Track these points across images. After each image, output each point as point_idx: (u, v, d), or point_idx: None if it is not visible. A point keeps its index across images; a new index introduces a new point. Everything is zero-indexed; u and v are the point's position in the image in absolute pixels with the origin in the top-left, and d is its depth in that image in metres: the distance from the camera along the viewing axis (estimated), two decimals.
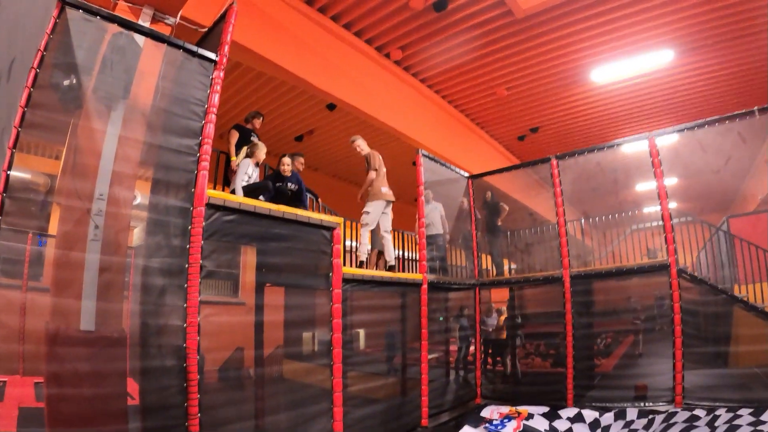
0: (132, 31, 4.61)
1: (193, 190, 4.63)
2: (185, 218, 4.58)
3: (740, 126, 8.18)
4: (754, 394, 7.59)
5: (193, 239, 4.52)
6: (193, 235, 4.53)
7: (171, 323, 4.38)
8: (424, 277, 7.99)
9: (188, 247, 4.50)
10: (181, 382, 4.28)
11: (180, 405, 4.27)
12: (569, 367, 8.14)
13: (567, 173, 8.96)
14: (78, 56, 4.26)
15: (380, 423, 6.90)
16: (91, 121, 4.48)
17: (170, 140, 4.70)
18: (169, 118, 4.79)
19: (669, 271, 7.88)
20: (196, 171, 4.70)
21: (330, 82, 10.23)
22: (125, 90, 4.67)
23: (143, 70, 4.80)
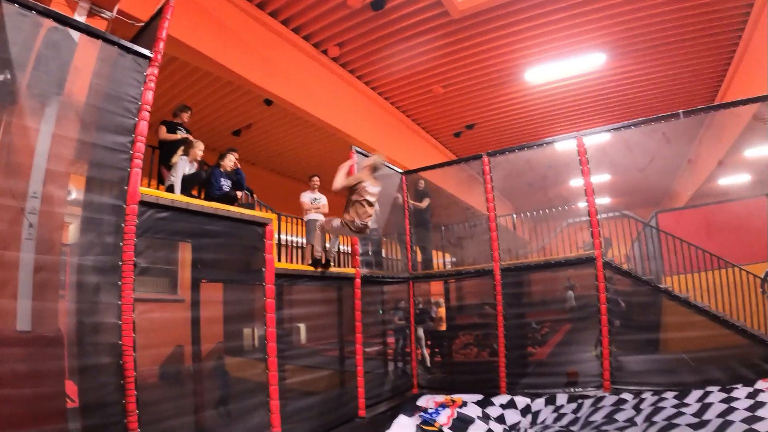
0: (67, 27, 4.55)
1: (125, 188, 4.62)
2: (118, 216, 4.57)
3: (667, 127, 8.55)
4: (680, 377, 7.95)
5: (127, 237, 4.53)
6: (127, 233, 4.53)
7: (106, 321, 4.38)
8: (357, 271, 8.09)
9: (122, 244, 4.50)
10: (118, 380, 4.29)
11: (118, 402, 4.27)
12: (501, 356, 8.37)
13: (501, 169, 9.18)
14: (12, 51, 4.19)
15: (318, 414, 7.00)
16: (24, 119, 4.42)
17: (103, 138, 4.67)
18: (103, 116, 4.76)
19: (595, 264, 8.17)
20: (128, 168, 4.69)
21: (267, 78, 10.23)
22: (59, 86, 4.61)
23: (78, 66, 4.74)
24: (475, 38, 11.36)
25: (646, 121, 8.58)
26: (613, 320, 8.22)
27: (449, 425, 6.63)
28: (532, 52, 12.05)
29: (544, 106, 15.28)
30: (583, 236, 8.94)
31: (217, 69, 9.59)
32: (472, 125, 16.11)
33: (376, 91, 13.62)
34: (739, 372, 7.61)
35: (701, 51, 12.54)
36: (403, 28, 10.84)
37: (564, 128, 16.31)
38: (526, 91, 14.26)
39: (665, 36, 11.72)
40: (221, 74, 10.00)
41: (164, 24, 5.26)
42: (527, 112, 15.70)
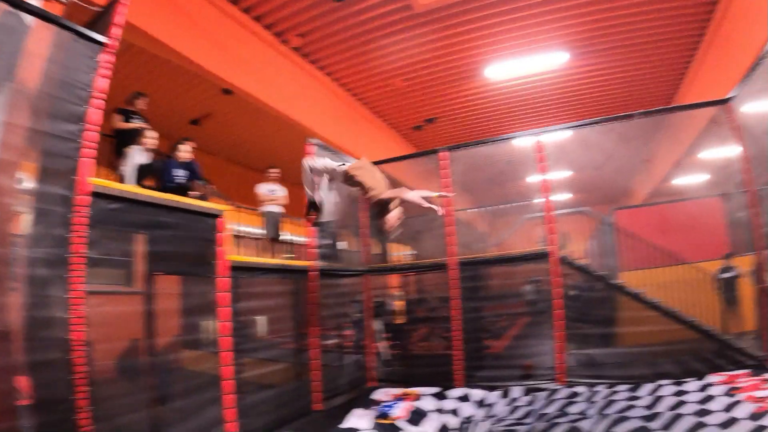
0: (20, 11, 4.36)
1: (75, 178, 4.47)
2: (68, 207, 4.42)
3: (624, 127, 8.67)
4: (634, 371, 8.07)
5: (76, 228, 4.38)
6: (76, 224, 4.38)
7: (56, 315, 4.24)
8: (312, 264, 8.01)
9: (71, 236, 4.35)
10: (69, 375, 4.16)
11: (69, 398, 4.14)
12: (457, 349, 8.38)
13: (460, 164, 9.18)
14: None
15: (274, 408, 6.92)
16: None
17: (54, 126, 4.50)
18: (54, 103, 4.58)
19: (550, 259, 8.25)
20: (78, 158, 4.53)
21: (225, 67, 10.11)
22: (10, 73, 4.42)
23: (30, 51, 4.55)
24: (437, 32, 11.37)
25: (604, 121, 8.66)
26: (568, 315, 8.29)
27: (404, 418, 6.61)
28: (494, 48, 12.13)
29: (505, 102, 15.42)
30: (541, 231, 8.98)
31: (175, 57, 9.42)
32: (432, 119, 16.19)
33: (336, 83, 13.57)
34: (691, 366, 7.74)
35: (662, 54, 12.79)
36: (365, 20, 10.80)
37: (524, 125, 16.43)
38: (487, 87, 14.35)
39: (627, 37, 11.93)
40: (179, 62, 9.80)
41: (121, 9, 5.10)
42: (488, 108, 15.80)
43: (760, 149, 7.45)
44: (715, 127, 8.46)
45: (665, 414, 6.08)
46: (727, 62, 10.60)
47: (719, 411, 5.84)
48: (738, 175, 7.99)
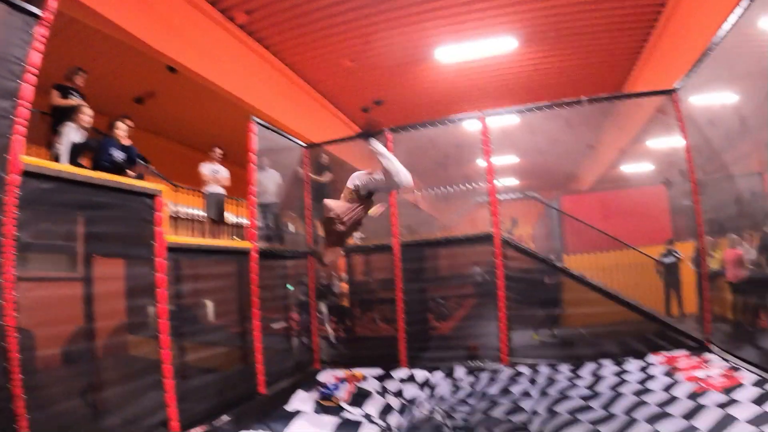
0: None
1: (6, 156, 4.23)
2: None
3: (571, 113, 8.75)
4: (576, 351, 8.23)
5: (7, 209, 4.15)
6: (7, 205, 4.15)
7: None
8: (253, 245, 7.86)
9: (1, 218, 4.13)
10: (2, 363, 3.98)
11: (3, 386, 3.97)
12: (401, 331, 8.36)
13: (405, 146, 9.11)
14: None
15: (217, 392, 6.77)
16: None
17: None
18: None
19: (493, 241, 8.28)
20: (10, 135, 4.28)
21: (170, 44, 9.83)
22: None
23: None
24: (386, 13, 11.24)
25: (551, 106, 8.71)
26: (513, 297, 8.36)
27: (348, 400, 6.58)
28: (444, 30, 12.04)
29: (454, 86, 15.37)
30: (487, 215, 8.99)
31: (117, 32, 9.09)
32: (380, 101, 16.09)
33: (283, 62, 13.33)
34: (632, 347, 7.92)
35: (612, 43, 12.95)
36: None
37: (473, 109, 16.21)
38: (436, 70, 14.28)
39: (578, 26, 12.03)
40: (122, 38, 9.44)
41: None
42: (437, 91, 15.75)
43: (704, 139, 7.61)
44: (662, 116, 8.60)
45: (606, 393, 6.18)
46: (677, 53, 10.77)
47: (659, 390, 5.96)
48: (681, 163, 8.16)
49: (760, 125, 6.26)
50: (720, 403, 5.13)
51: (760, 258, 6.73)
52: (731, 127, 6.84)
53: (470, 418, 5.85)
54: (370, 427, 5.50)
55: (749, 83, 6.38)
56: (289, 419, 5.66)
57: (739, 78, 6.59)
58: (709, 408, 5.06)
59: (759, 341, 7.15)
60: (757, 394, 5.20)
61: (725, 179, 7.41)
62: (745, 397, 5.18)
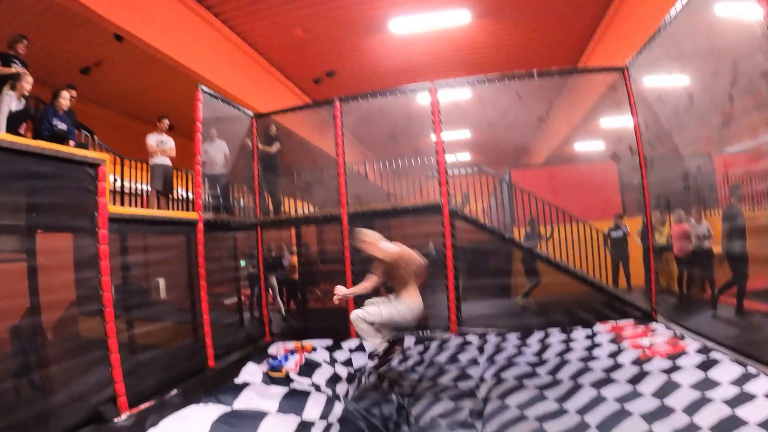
0: None
1: None
2: None
3: (523, 87, 8.79)
4: (525, 320, 8.41)
5: None
6: None
7: None
8: (199, 216, 7.72)
9: None
10: None
11: None
12: (351, 302, 8.36)
13: (355, 116, 9.05)
14: None
15: (165, 367, 6.73)
16: None
17: None
18: None
19: (442, 211, 8.33)
20: None
21: (116, 11, 9.47)
22: None
23: None
24: None
25: (503, 78, 8.74)
26: (462, 268, 8.43)
27: (296, 371, 6.57)
28: (398, 1, 11.91)
29: (407, 58, 15.33)
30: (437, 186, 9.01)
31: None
32: (332, 72, 15.98)
33: (233, 31, 13.06)
34: (579, 316, 8.14)
35: (567, 19, 13.02)
36: None
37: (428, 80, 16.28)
38: (389, 42, 14.19)
39: (533, 1, 12.03)
40: (68, 5, 9.06)
41: None
42: (390, 63, 15.68)
43: (653, 117, 7.75)
44: (613, 93, 8.71)
45: (553, 360, 6.30)
46: (630, 31, 10.89)
47: (605, 357, 6.11)
48: (631, 140, 8.31)
49: (707, 103, 6.41)
50: (664, 369, 5.28)
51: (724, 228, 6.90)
52: (680, 105, 6.98)
53: (418, 386, 5.89)
54: (317, 396, 5.49)
55: (698, 62, 6.52)
56: (238, 391, 5.61)
57: (688, 57, 6.71)
58: (653, 374, 5.19)
59: (702, 311, 7.40)
60: (700, 360, 5.37)
61: (673, 156, 7.58)
62: (689, 363, 5.34)
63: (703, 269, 7.92)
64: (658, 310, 8.03)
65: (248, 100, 12.43)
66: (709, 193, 7.68)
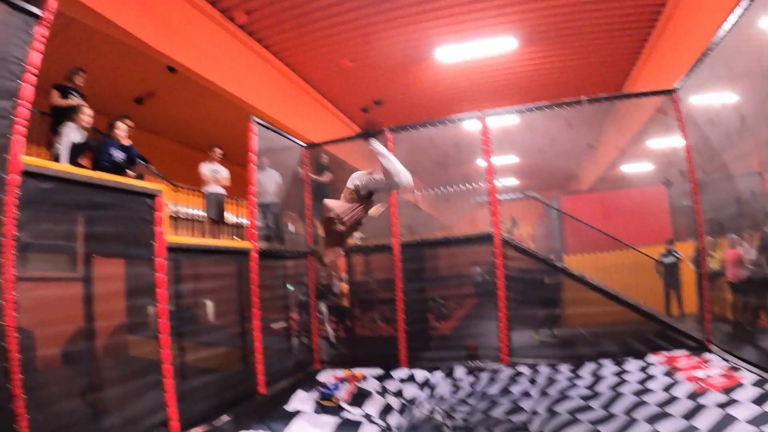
0: None
1: (6, 156, 4.21)
2: None
3: (571, 113, 8.74)
4: (576, 351, 8.21)
5: (7, 209, 4.14)
6: (6, 205, 4.14)
7: None
8: (253, 245, 7.86)
9: (1, 218, 4.12)
10: (2, 363, 3.97)
11: (3, 386, 3.95)
12: (401, 330, 8.36)
13: (405, 146, 9.09)
14: None
15: (217, 392, 6.78)
16: None
17: None
18: None
19: (493, 241, 8.28)
20: (10, 135, 4.27)
21: (170, 44, 9.80)
22: None
23: None
24: (386, 13, 11.23)
25: (551, 106, 8.70)
26: (512, 296, 8.35)
27: (348, 400, 6.58)
28: (443, 30, 12.04)
29: (454, 86, 15.38)
30: (487, 215, 8.99)
31: (118, 33, 9.08)
32: (380, 101, 16.09)
33: (283, 62, 13.32)
34: (631, 346, 7.91)
35: (612, 43, 12.95)
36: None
37: (472, 108, 16.18)
38: (436, 70, 14.27)
39: (578, 26, 12.03)
40: (122, 38, 9.43)
41: None
42: (436, 91, 15.73)
43: (703, 139, 7.60)
44: (661, 116, 8.59)
45: (606, 393, 6.17)
46: (676, 53, 10.76)
47: (659, 390, 5.95)
48: (682, 163, 8.16)
49: (759, 124, 6.27)
50: (720, 403, 5.12)
51: (760, 258, 6.72)
52: (731, 126, 6.83)
53: (470, 418, 5.85)
54: (370, 427, 5.50)
55: (749, 83, 6.38)
56: (289, 419, 5.66)
57: (738, 77, 6.57)
58: (708, 408, 5.05)
59: (759, 341, 7.15)
60: (757, 394, 5.19)
61: (725, 179, 7.40)
62: (744, 397, 5.17)
63: (758, 296, 7.68)
64: (713, 340, 7.81)
65: (298, 129, 12.61)
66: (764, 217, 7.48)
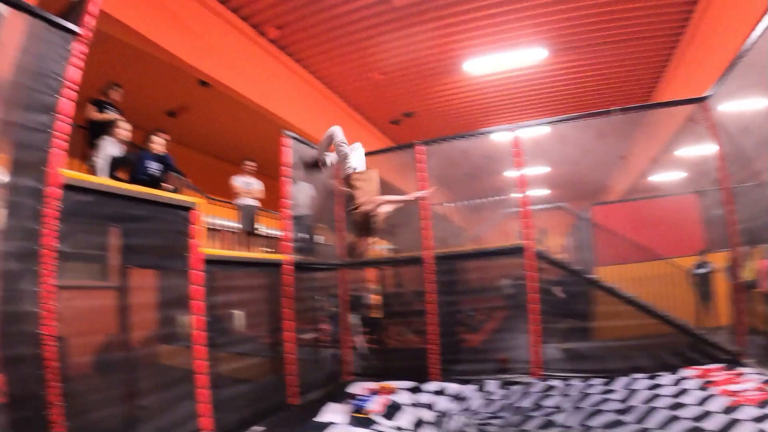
0: None
1: (46, 170, 4.36)
2: (39, 199, 4.32)
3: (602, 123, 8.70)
4: (608, 364, 8.12)
5: (47, 221, 4.28)
6: (47, 217, 4.28)
7: (27, 310, 4.14)
8: (286, 258, 7.94)
9: (42, 229, 4.25)
10: (41, 371, 4.08)
11: (40, 394, 4.06)
12: (433, 343, 8.36)
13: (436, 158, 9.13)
14: None
15: (249, 402, 6.86)
16: None
17: (25, 116, 4.38)
18: (25, 93, 4.46)
19: (525, 253, 8.24)
20: (50, 149, 4.41)
21: (202, 59, 10.01)
22: None
23: (4, 41, 4.44)
24: (415, 26, 11.36)
25: (582, 117, 8.68)
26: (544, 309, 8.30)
27: (380, 412, 6.58)
28: (473, 42, 12.12)
29: (483, 97, 15.44)
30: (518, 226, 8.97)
31: (151, 48, 9.31)
32: (410, 113, 16.15)
33: (314, 76, 13.49)
34: (665, 360, 7.80)
35: (641, 51, 12.88)
36: (343, 13, 10.75)
37: (502, 120, 16.45)
38: (465, 82, 14.34)
39: (606, 35, 11.99)
40: (155, 53, 9.65)
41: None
42: (466, 103, 15.82)
43: (735, 147, 7.51)
44: (692, 124, 8.51)
45: (639, 407, 6.11)
46: (705, 60, 10.69)
47: (693, 404, 5.88)
48: (714, 172, 8.05)
49: None
50: (756, 417, 5.05)
51: None
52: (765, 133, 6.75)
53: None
54: None
55: None
56: (321, 430, 5.69)
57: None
58: (744, 422, 4.98)
59: None
60: None
61: (759, 187, 7.30)
62: None
63: None
64: (747, 353, 7.68)
65: None
66: None
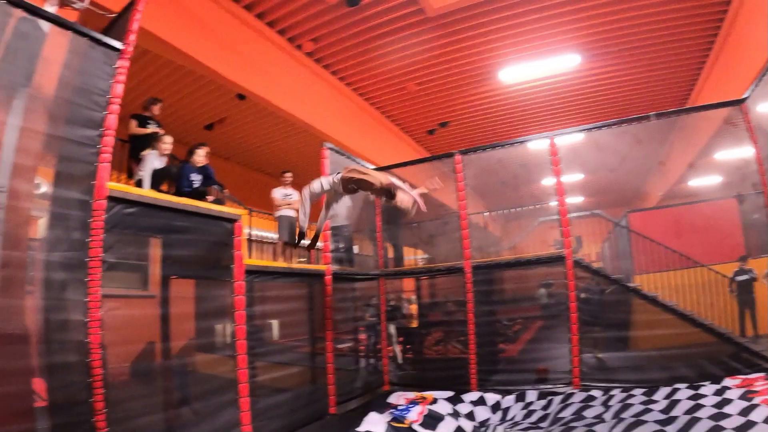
0: (37, 17, 4.36)
1: (93, 183, 4.48)
2: (85, 211, 4.43)
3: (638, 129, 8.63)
4: (648, 374, 8.00)
5: (94, 232, 4.39)
6: (94, 228, 4.39)
7: (73, 319, 4.25)
8: (327, 268, 8.04)
9: (88, 240, 4.37)
10: (86, 378, 4.17)
11: (86, 401, 4.16)
12: (472, 353, 8.37)
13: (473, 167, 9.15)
14: None
15: (289, 411, 6.92)
16: None
17: (71, 131, 4.51)
18: (71, 109, 4.59)
19: (565, 262, 8.21)
20: (96, 163, 4.55)
21: (239, 73, 10.16)
22: (28, 79, 4.43)
23: (47, 57, 4.57)
24: (450, 36, 11.38)
25: (618, 123, 8.62)
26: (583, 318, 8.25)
27: (419, 422, 6.61)
28: (507, 51, 12.11)
29: (518, 105, 15.38)
30: (554, 234, 8.94)
31: (189, 62, 9.50)
32: (445, 123, 16.15)
33: (349, 88, 13.58)
34: (707, 369, 7.67)
35: (675, 55, 12.73)
36: (378, 25, 10.83)
37: (537, 128, 16.34)
38: (500, 90, 14.33)
39: (639, 39, 11.88)
40: (194, 68, 9.89)
41: (136, 15, 5.11)
42: (501, 111, 15.77)
43: None
44: (730, 127, 8.40)
45: (681, 418, 6.04)
46: (741, 62, 10.54)
47: (736, 415, 5.80)
48: (753, 176, 7.93)
49: None
50: None
51: None
52: None
53: None
54: None
55: None
56: None
57: None
58: None
59: None
60: None
61: None
62: None
63: None
64: None
65: (366, 153, 12.79)
66: None
